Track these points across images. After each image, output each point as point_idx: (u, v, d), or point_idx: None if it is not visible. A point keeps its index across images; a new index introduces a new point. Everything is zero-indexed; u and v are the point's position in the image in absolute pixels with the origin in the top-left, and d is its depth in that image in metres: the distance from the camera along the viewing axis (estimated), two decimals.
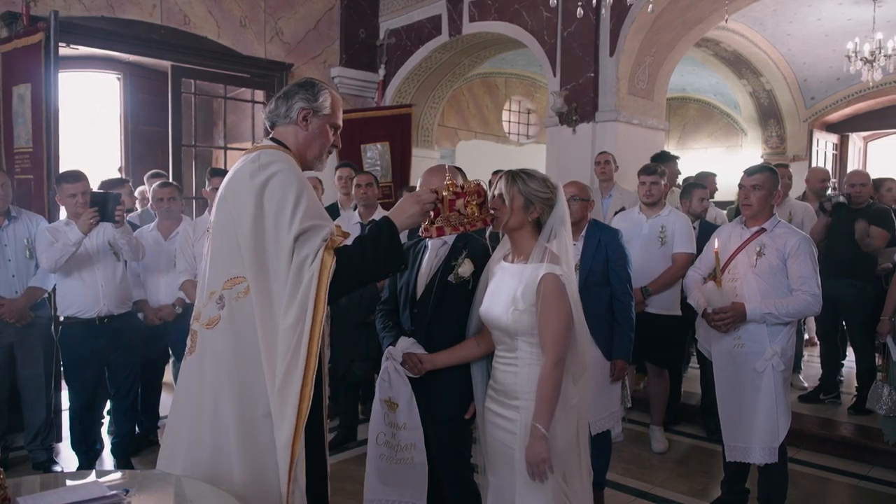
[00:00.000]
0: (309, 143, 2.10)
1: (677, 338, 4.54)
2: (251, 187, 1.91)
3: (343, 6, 7.45)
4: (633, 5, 5.60)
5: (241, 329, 1.92)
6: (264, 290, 1.89)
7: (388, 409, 2.56)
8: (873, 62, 7.56)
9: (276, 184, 1.90)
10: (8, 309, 3.78)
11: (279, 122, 2.10)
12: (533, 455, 2.07)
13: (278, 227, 1.89)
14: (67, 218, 3.85)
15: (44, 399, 3.98)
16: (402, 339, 2.56)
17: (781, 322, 3.06)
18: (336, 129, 2.17)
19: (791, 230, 3.19)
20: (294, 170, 1.99)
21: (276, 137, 2.11)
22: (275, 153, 2.01)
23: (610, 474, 3.57)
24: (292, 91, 2.10)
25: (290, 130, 2.09)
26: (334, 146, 2.19)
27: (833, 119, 10.08)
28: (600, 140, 5.94)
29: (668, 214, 4.33)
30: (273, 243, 1.89)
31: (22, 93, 4.57)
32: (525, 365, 2.18)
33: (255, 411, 1.90)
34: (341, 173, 5.22)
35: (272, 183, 1.90)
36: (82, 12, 5.73)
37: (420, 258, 2.65)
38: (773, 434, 3.07)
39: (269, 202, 1.90)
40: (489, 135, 10.63)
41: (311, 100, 2.07)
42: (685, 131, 11.19)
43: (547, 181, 2.27)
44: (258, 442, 1.91)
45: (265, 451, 1.90)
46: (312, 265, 1.87)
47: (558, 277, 2.15)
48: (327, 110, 2.10)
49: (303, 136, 2.09)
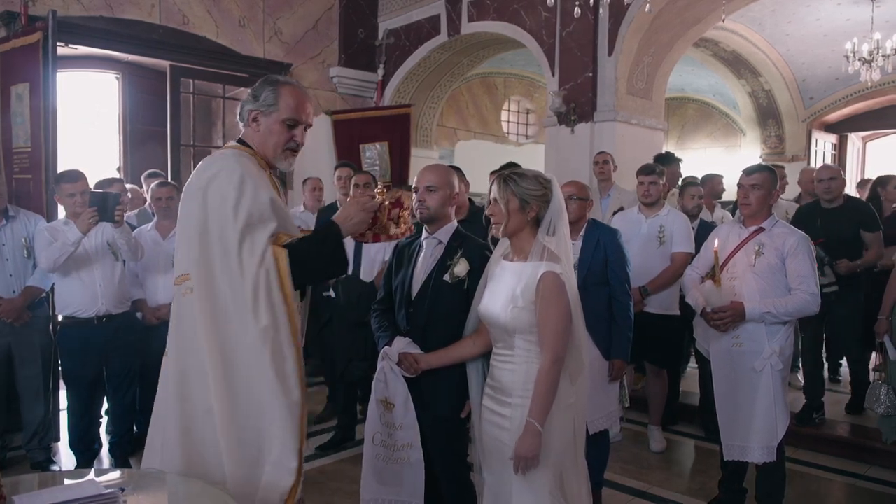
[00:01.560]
0: (264, 143, 2.10)
1: (676, 337, 4.54)
2: (198, 187, 1.98)
3: (342, 6, 7.46)
4: (631, 5, 5.61)
5: (185, 325, 1.97)
6: (210, 286, 1.92)
7: (384, 408, 2.56)
8: (872, 62, 7.56)
9: (217, 183, 1.95)
10: (5, 308, 3.78)
11: (242, 123, 2.15)
12: (523, 449, 2.07)
13: (222, 224, 1.92)
14: (66, 217, 3.85)
15: (42, 399, 3.97)
16: (397, 338, 2.56)
17: (780, 321, 3.06)
18: (294, 126, 2.11)
19: (790, 229, 3.20)
20: (241, 169, 1.98)
21: (242, 138, 2.15)
22: (228, 153, 2.06)
23: (608, 474, 3.57)
24: (250, 92, 2.14)
25: (249, 132, 2.13)
26: (297, 143, 2.13)
27: (832, 119, 10.09)
28: (599, 140, 5.95)
29: (667, 214, 4.33)
30: (218, 241, 1.92)
31: (20, 92, 4.57)
32: (522, 363, 2.19)
33: (197, 407, 1.92)
34: (340, 173, 5.22)
35: (214, 183, 1.95)
36: (81, 12, 5.73)
37: (415, 258, 2.65)
38: (772, 433, 3.07)
39: (211, 200, 1.94)
40: (488, 135, 10.64)
41: (255, 99, 2.09)
42: (684, 131, 11.20)
43: (539, 177, 2.26)
44: (196, 437, 1.92)
45: (203, 445, 1.91)
46: (265, 262, 1.90)
47: (558, 276, 2.15)
48: (276, 108, 2.07)
49: (257, 136, 2.11)
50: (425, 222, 2.63)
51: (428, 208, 2.58)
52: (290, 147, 2.11)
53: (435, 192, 2.57)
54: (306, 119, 2.14)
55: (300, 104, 2.10)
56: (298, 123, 2.11)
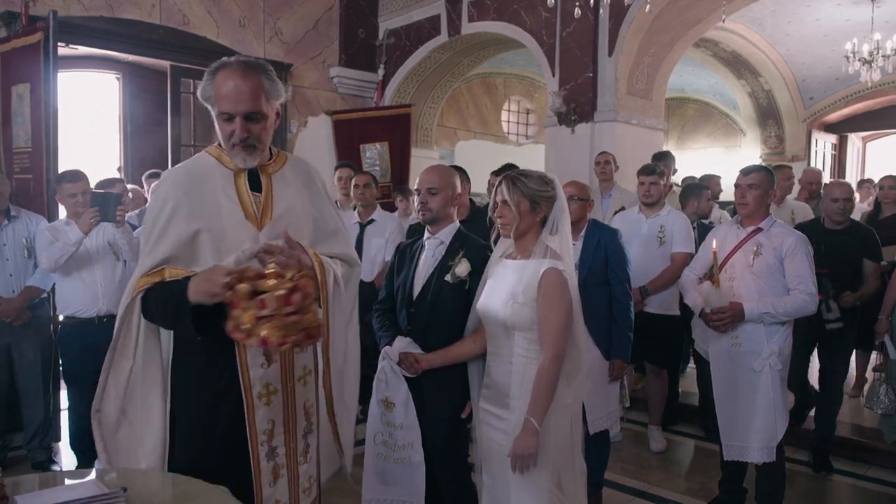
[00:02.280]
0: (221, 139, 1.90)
1: (676, 338, 4.55)
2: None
3: (342, 6, 7.46)
4: (631, 5, 5.61)
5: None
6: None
7: (384, 408, 2.56)
8: (872, 62, 7.57)
9: (152, 197, 1.94)
10: (5, 308, 3.79)
11: None
12: (521, 448, 2.07)
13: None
14: (67, 217, 3.85)
15: (42, 399, 3.98)
16: (398, 338, 2.57)
17: (779, 321, 3.06)
18: (229, 119, 1.82)
19: (787, 230, 3.20)
20: (170, 181, 1.91)
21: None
22: (193, 157, 2.03)
23: (608, 474, 3.58)
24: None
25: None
26: (239, 138, 1.83)
27: (832, 119, 10.09)
28: (599, 140, 5.95)
29: (667, 214, 4.33)
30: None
31: (21, 92, 4.57)
32: (521, 362, 2.18)
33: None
34: (341, 173, 5.23)
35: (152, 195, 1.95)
36: (81, 12, 5.73)
37: (417, 258, 2.65)
38: (772, 433, 3.08)
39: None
40: (488, 135, 10.64)
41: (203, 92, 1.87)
42: (684, 131, 11.20)
43: (544, 177, 2.27)
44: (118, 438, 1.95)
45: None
46: (131, 297, 1.85)
47: (561, 272, 2.16)
48: (213, 99, 1.83)
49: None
50: (427, 224, 2.64)
51: (430, 210, 2.58)
52: (234, 142, 1.84)
53: (437, 194, 2.58)
54: (236, 109, 1.79)
55: (227, 93, 1.78)
56: (228, 115, 1.82)
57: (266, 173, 1.95)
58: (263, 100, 1.83)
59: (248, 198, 1.90)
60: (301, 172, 2.05)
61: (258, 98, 1.81)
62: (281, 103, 1.93)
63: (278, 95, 1.88)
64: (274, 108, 1.88)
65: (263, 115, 1.84)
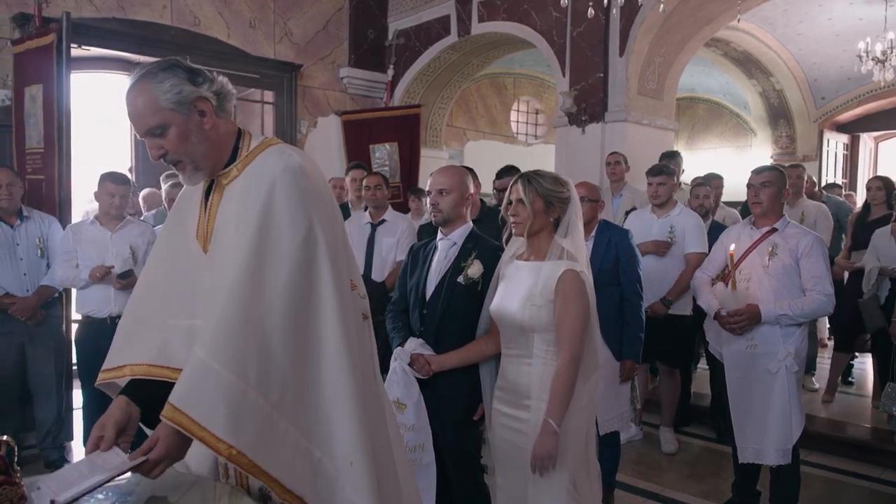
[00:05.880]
0: None
1: (688, 337, 4.52)
2: None
3: (352, 7, 7.47)
4: (643, 5, 5.58)
5: None
6: None
7: (396, 409, 2.56)
8: (885, 62, 7.50)
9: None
10: (19, 307, 3.81)
11: None
12: (542, 449, 2.07)
13: None
14: (95, 216, 3.94)
15: (55, 398, 4.00)
16: (410, 339, 2.57)
17: (795, 323, 3.04)
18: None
19: (802, 230, 3.17)
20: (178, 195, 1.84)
21: None
22: None
23: (620, 475, 3.56)
24: None
25: None
26: (153, 158, 1.58)
27: (844, 119, 10.01)
28: (610, 140, 5.92)
29: (678, 214, 4.31)
30: None
31: (34, 93, 4.60)
32: (539, 363, 2.18)
33: None
34: (354, 175, 5.23)
35: None
36: (93, 13, 5.77)
37: (430, 259, 2.65)
38: (787, 435, 3.05)
39: None
40: (497, 135, 10.62)
41: None
42: (694, 131, 11.14)
43: (558, 179, 2.27)
44: None
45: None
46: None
47: (578, 274, 2.15)
48: None
49: None
50: (439, 225, 2.63)
51: (441, 211, 2.58)
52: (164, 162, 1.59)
53: (447, 194, 2.57)
54: (138, 132, 1.56)
55: (129, 117, 1.55)
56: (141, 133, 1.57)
57: (220, 185, 1.63)
58: (157, 108, 1.51)
59: (203, 216, 1.65)
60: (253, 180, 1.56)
61: (148, 110, 1.51)
62: (202, 96, 1.57)
63: (178, 91, 1.52)
64: (181, 110, 1.53)
65: (163, 125, 1.52)
